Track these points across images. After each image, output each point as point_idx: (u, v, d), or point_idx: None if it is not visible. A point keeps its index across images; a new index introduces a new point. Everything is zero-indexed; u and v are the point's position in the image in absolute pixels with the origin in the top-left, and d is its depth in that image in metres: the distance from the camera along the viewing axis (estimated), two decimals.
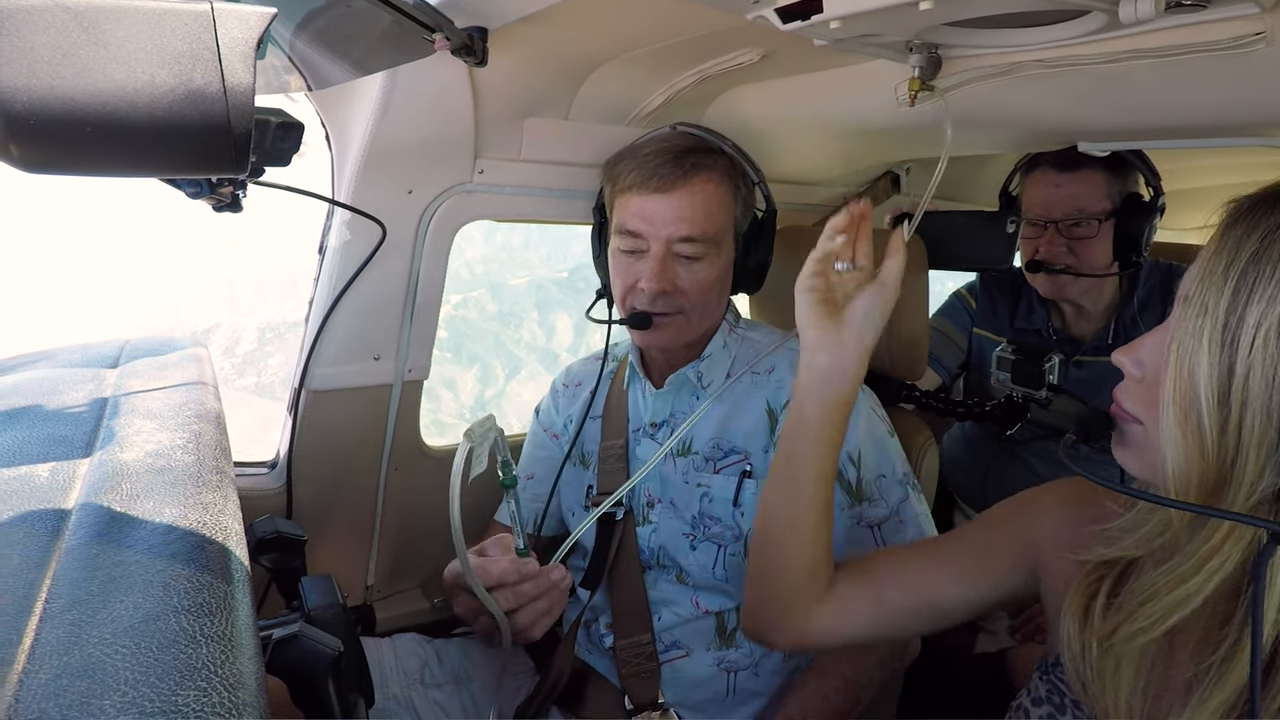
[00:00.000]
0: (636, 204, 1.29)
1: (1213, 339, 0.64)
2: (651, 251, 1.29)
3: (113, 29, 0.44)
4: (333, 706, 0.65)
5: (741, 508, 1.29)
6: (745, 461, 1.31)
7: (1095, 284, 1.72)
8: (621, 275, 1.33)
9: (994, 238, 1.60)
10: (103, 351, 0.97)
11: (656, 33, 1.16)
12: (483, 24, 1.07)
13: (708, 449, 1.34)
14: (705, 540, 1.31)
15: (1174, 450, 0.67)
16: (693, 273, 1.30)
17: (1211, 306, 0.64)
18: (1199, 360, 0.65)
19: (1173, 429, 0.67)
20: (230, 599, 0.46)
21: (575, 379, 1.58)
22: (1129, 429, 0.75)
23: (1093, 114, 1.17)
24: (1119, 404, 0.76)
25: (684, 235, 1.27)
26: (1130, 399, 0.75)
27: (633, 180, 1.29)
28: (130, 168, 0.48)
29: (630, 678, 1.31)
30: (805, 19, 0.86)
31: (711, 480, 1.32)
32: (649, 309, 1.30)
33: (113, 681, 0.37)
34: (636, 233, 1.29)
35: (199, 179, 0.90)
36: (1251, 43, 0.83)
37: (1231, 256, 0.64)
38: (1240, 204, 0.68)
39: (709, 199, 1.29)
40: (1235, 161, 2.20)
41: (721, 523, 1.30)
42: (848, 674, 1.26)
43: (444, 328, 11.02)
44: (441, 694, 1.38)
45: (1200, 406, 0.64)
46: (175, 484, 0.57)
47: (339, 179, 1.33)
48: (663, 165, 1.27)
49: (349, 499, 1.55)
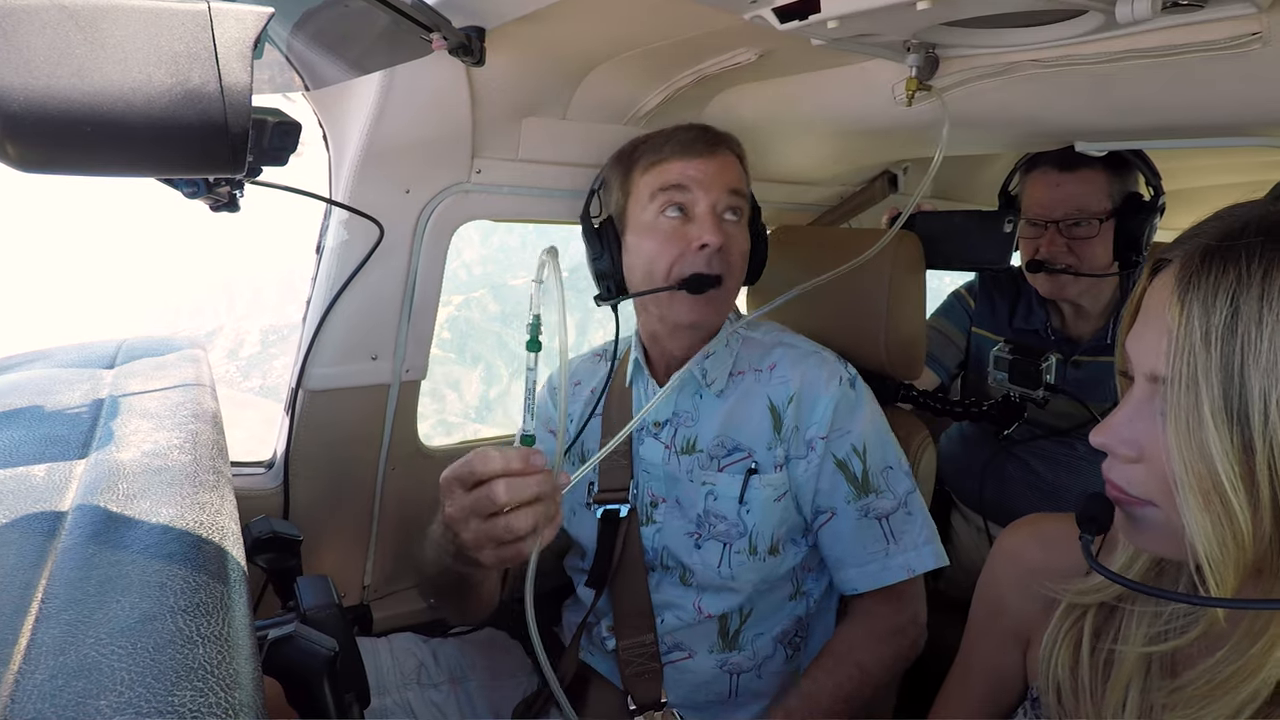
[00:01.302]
0: (677, 168, 1.28)
1: (1217, 416, 0.61)
2: (701, 208, 1.28)
3: (110, 29, 0.44)
4: (328, 706, 0.65)
5: (747, 505, 1.29)
6: (750, 459, 1.31)
7: (1095, 284, 1.72)
8: (668, 245, 1.28)
9: (991, 237, 1.60)
10: (99, 351, 0.96)
11: (654, 32, 1.16)
12: (480, 23, 1.07)
13: (712, 447, 1.33)
14: (710, 539, 1.31)
15: (1204, 536, 0.63)
16: (736, 234, 1.31)
17: (1204, 382, 0.61)
18: (1207, 440, 0.61)
19: (1197, 514, 0.63)
20: (227, 599, 0.46)
21: (574, 377, 1.57)
22: (1143, 513, 0.70)
23: (1089, 114, 1.17)
24: (1120, 489, 0.71)
25: (732, 188, 1.29)
26: (1133, 482, 0.70)
27: (669, 151, 1.29)
28: (127, 167, 0.48)
29: (633, 678, 1.31)
30: (803, 19, 0.86)
31: (716, 479, 1.32)
32: (705, 270, 1.26)
33: (109, 682, 0.37)
34: (684, 186, 1.27)
35: (196, 179, 0.90)
36: (1248, 42, 0.83)
37: (1205, 326, 0.61)
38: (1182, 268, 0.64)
39: (739, 168, 1.34)
40: (1232, 161, 2.21)
41: (727, 520, 1.30)
42: (862, 661, 1.27)
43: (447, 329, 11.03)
44: (438, 694, 1.38)
45: (1224, 488, 0.61)
46: (172, 484, 0.57)
47: (336, 179, 1.33)
48: (697, 138, 1.30)
49: (346, 499, 1.55)
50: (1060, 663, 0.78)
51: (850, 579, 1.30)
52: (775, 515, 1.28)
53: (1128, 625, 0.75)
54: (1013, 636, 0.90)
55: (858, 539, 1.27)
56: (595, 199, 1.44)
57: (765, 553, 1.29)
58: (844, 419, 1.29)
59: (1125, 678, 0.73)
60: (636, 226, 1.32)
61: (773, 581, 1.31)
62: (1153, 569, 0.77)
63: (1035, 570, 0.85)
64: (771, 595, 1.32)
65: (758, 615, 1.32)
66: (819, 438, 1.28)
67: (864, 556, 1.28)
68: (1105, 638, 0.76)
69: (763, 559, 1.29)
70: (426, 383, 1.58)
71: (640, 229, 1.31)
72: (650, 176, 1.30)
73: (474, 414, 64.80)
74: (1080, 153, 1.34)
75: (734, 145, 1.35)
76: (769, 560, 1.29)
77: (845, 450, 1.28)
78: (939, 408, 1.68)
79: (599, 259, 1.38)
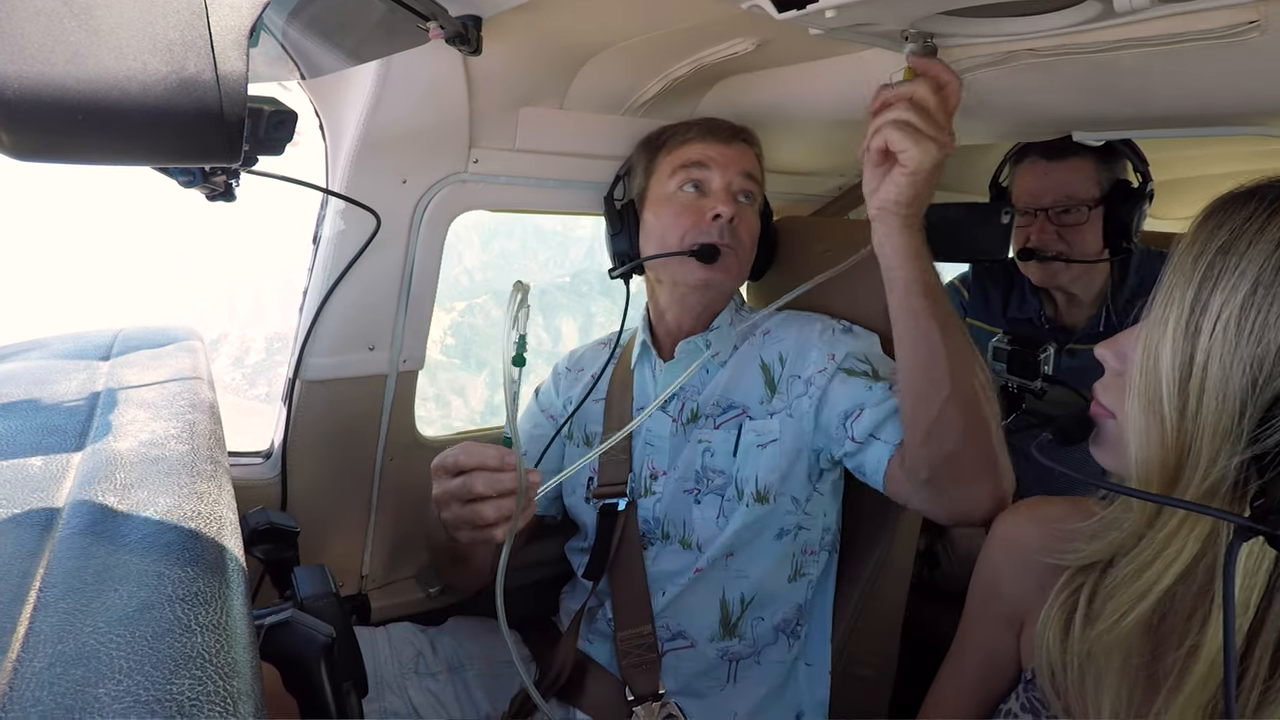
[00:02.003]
0: (698, 149, 1.39)
1: (1177, 328, 0.65)
2: (717, 184, 1.38)
3: (104, 15, 0.43)
4: (325, 692, 0.65)
5: (738, 456, 1.32)
6: (744, 415, 1.35)
7: (1086, 271, 1.73)
8: (682, 215, 1.37)
9: (990, 229, 1.60)
10: (96, 342, 0.96)
11: (651, 22, 1.16)
12: (477, 12, 1.07)
13: (709, 408, 1.38)
14: (709, 493, 1.34)
15: (1137, 439, 0.68)
16: (747, 214, 1.40)
17: (1178, 297, 0.65)
18: (1163, 349, 0.66)
19: (1137, 418, 0.68)
20: (225, 589, 0.46)
21: (579, 363, 1.60)
22: (1105, 424, 0.75)
23: (1088, 103, 1.17)
24: (1097, 399, 0.76)
25: (746, 171, 1.39)
26: (1108, 393, 0.75)
27: (694, 134, 1.40)
28: (122, 156, 0.48)
29: (631, 669, 1.31)
30: (800, 8, 0.86)
31: (713, 435, 1.36)
32: (717, 241, 1.35)
33: (107, 670, 0.37)
34: (703, 163, 1.38)
35: (192, 168, 0.90)
36: (1245, 31, 0.83)
37: (1201, 249, 0.65)
38: (1217, 200, 0.68)
39: (755, 162, 1.44)
40: (1230, 150, 2.20)
41: (724, 475, 1.33)
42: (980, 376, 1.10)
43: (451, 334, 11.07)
44: (436, 683, 1.38)
45: (1161, 394, 0.65)
46: (170, 474, 0.57)
47: (333, 168, 1.32)
48: (719, 125, 1.42)
49: (344, 489, 1.55)
50: (1052, 639, 0.78)
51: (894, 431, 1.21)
52: (761, 461, 1.30)
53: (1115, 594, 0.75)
54: (1006, 621, 0.90)
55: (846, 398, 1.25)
56: (620, 184, 1.53)
57: (752, 498, 1.30)
58: (841, 345, 1.32)
59: (1112, 650, 0.74)
60: (655, 202, 1.42)
61: (769, 544, 1.32)
62: None
63: (1031, 551, 0.85)
64: (771, 574, 1.33)
65: (758, 602, 1.33)
66: (817, 371, 1.30)
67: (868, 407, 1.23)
68: (1093, 616, 0.77)
69: (748, 504, 1.30)
70: (431, 388, 1.58)
71: (658, 203, 1.41)
72: (672, 157, 1.41)
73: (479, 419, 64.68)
74: (1069, 141, 1.34)
75: (752, 140, 1.45)
76: (755, 507, 1.30)
77: (849, 362, 1.29)
78: None
79: (617, 235, 1.48)
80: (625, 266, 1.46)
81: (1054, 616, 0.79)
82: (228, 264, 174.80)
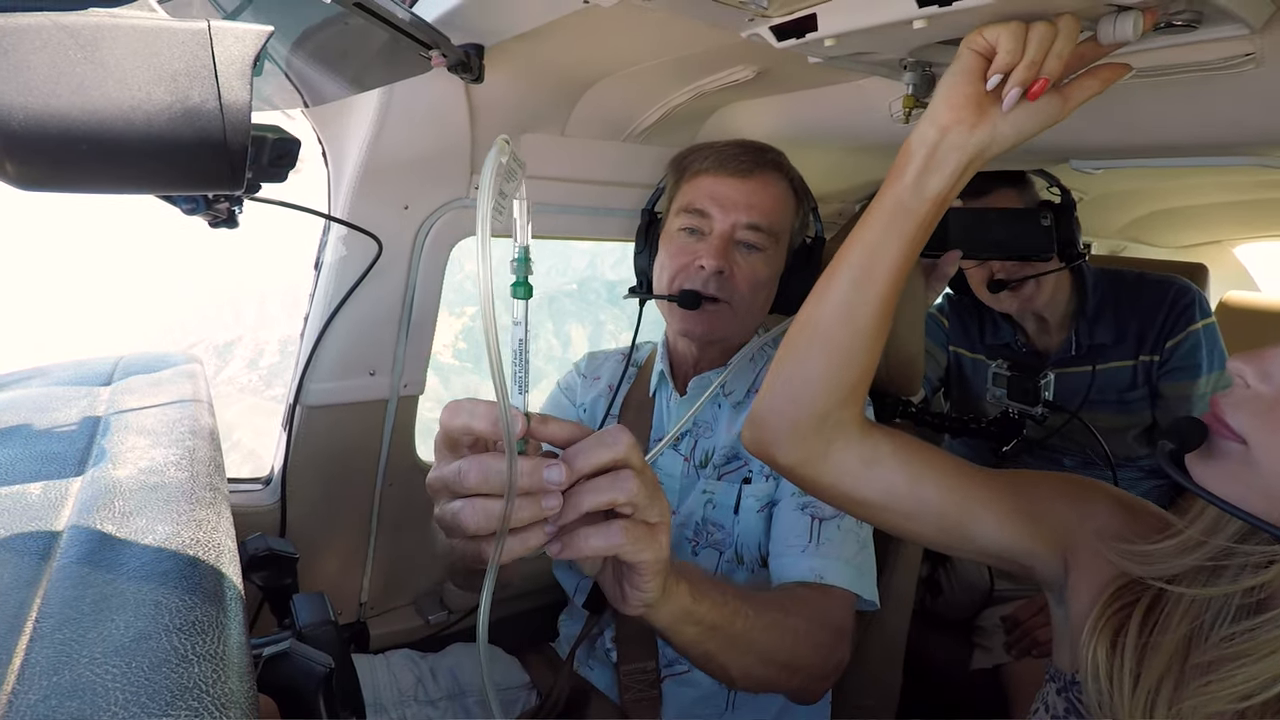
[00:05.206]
0: (708, 185, 1.31)
1: None
2: (715, 233, 1.30)
3: (109, 47, 0.44)
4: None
5: (739, 517, 1.28)
6: (746, 468, 1.31)
7: (1052, 294, 1.79)
8: (677, 255, 1.33)
9: (1031, 228, 1.61)
10: (96, 368, 0.96)
11: (652, 50, 1.17)
12: (479, 41, 1.08)
13: (718, 458, 1.34)
14: (707, 547, 1.31)
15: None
16: (749, 263, 1.31)
17: None
18: None
19: None
20: (222, 618, 0.45)
21: (597, 370, 1.56)
22: (1226, 445, 0.66)
23: (1084, 133, 1.18)
24: (1220, 416, 0.66)
25: (750, 222, 1.29)
26: (1241, 414, 0.65)
27: (709, 164, 1.32)
28: (127, 185, 0.48)
29: (633, 702, 1.30)
30: (800, 37, 0.87)
31: (716, 487, 1.32)
32: (701, 289, 1.29)
33: (103, 702, 0.37)
34: (704, 211, 1.30)
35: (195, 196, 0.90)
36: (1241, 63, 0.84)
37: None
38: None
39: (777, 196, 1.33)
40: (1226, 180, 2.21)
41: (724, 531, 1.30)
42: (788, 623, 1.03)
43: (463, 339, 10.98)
44: (435, 710, 1.37)
45: None
46: (168, 501, 0.57)
47: (335, 195, 1.33)
48: (742, 155, 1.31)
49: (344, 515, 1.54)
50: (1100, 649, 0.75)
51: (771, 569, 1.22)
52: (760, 526, 1.28)
53: (1170, 614, 0.73)
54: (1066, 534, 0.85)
55: (788, 527, 1.23)
56: (660, 196, 1.48)
57: (753, 563, 1.28)
58: None
59: (1160, 668, 0.71)
60: (666, 234, 1.38)
61: (771, 590, 1.30)
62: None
63: (1106, 535, 0.81)
64: None
65: None
66: None
67: (781, 547, 1.22)
68: (1146, 629, 0.74)
69: (751, 570, 1.28)
70: (442, 393, 1.57)
71: (666, 236, 1.38)
72: (685, 189, 1.35)
73: None
74: (983, 177, 1.34)
75: (783, 166, 1.35)
76: (759, 573, 1.28)
77: None
78: (938, 424, 1.68)
79: (640, 254, 1.45)
80: (630, 295, 1.43)
81: (1100, 629, 0.76)
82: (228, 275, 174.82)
